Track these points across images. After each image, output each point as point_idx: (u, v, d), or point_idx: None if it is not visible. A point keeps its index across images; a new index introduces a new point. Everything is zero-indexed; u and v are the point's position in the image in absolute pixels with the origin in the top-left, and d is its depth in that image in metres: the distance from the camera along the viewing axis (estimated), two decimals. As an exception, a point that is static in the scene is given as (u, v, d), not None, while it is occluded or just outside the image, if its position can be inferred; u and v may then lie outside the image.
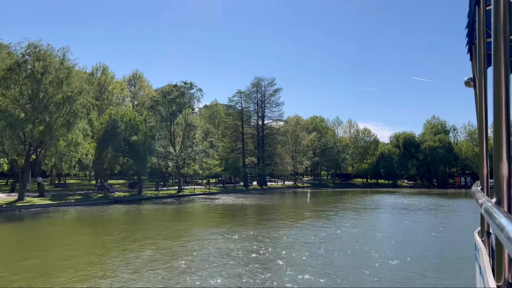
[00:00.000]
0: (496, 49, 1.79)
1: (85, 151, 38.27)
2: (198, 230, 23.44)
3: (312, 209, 37.81)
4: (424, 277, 12.87)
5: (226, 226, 24.79)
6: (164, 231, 22.46)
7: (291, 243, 18.60)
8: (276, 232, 21.56)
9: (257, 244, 17.98)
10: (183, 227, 24.60)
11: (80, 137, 37.89)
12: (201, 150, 54.44)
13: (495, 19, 1.80)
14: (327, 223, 25.93)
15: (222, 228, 23.10)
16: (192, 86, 56.18)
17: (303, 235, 20.84)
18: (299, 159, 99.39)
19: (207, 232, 21.84)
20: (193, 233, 22.26)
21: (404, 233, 22.42)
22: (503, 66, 1.77)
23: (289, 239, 19.71)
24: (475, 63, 4.17)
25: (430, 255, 16.30)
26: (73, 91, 36.10)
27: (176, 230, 22.92)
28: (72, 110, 35.97)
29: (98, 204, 39.38)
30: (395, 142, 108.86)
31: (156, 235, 20.83)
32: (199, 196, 52.95)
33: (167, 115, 54.31)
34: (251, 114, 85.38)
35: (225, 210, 36.25)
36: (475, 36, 3.90)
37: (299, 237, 20.33)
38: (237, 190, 68.27)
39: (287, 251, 16.62)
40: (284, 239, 19.57)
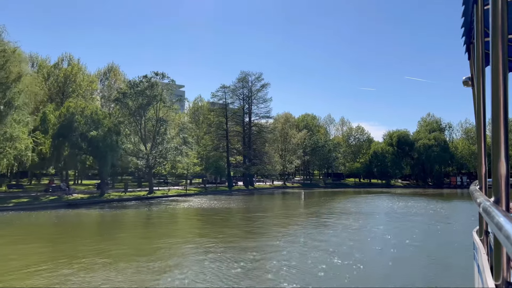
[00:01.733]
0: (494, 49, 1.76)
1: (23, 147, 32.40)
2: (110, 246, 17.71)
3: (288, 214, 32.12)
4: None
5: (158, 241, 19.11)
6: (69, 251, 16.74)
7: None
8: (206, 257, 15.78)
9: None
10: (101, 245, 18.61)
11: (18, 130, 32.08)
12: (173, 147, 48.60)
13: (493, 18, 1.78)
14: (299, 246, 18.09)
15: (152, 242, 17.53)
16: (164, 76, 50.37)
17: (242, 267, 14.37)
18: (289, 158, 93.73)
19: (115, 252, 16.20)
20: (104, 250, 16.55)
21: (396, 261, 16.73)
22: (501, 65, 1.73)
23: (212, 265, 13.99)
24: (473, 62, 4.09)
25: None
26: (8, 76, 30.33)
27: (86, 249, 17.16)
28: (6, 99, 30.19)
29: (43, 208, 33.57)
30: (388, 140, 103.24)
31: (53, 256, 15.19)
32: (170, 198, 47.16)
33: (136, 109, 48.51)
34: (236, 110, 79.56)
35: (178, 217, 30.53)
36: (473, 36, 3.84)
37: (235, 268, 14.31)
38: (218, 191, 62.51)
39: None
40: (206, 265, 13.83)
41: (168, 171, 51.64)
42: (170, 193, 52.36)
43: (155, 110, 50.73)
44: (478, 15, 2.97)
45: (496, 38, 1.76)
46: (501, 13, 1.76)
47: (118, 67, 67.46)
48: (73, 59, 55.06)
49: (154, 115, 50.84)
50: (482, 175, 3.33)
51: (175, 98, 52.84)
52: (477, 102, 3.32)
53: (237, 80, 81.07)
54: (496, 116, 1.78)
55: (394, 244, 17.94)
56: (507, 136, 1.82)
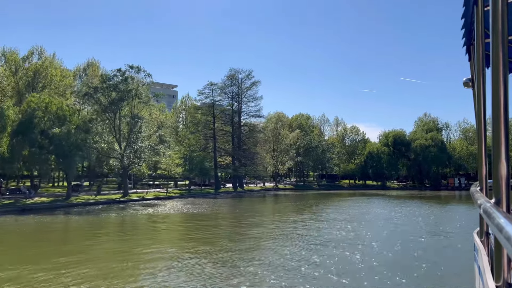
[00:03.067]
0: (495, 50, 1.74)
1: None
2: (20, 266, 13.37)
3: (256, 223, 27.79)
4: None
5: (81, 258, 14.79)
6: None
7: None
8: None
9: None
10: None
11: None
12: (148, 146, 44.22)
13: (493, 19, 1.76)
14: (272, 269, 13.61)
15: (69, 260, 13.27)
16: (139, 70, 46.06)
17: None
18: (281, 159, 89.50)
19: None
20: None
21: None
22: (501, 67, 1.71)
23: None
24: (473, 63, 4.08)
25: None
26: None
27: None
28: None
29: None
30: (384, 140, 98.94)
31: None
32: (144, 202, 42.80)
33: (108, 104, 44.19)
34: (224, 109, 75.25)
35: (126, 226, 26.11)
36: (473, 37, 3.82)
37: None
38: (202, 194, 58.16)
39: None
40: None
41: (143, 172, 47.20)
42: (147, 196, 48.02)
43: (131, 106, 46.45)
44: (478, 16, 2.94)
45: (497, 39, 1.73)
46: (501, 14, 1.72)
47: (99, 62, 63.17)
48: (44, 52, 50.76)
49: (130, 112, 46.54)
50: (483, 176, 3.25)
51: (152, 93, 48.43)
52: (478, 103, 3.30)
53: (226, 77, 76.89)
54: (497, 117, 1.75)
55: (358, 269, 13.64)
56: (507, 137, 1.78)
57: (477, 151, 3.67)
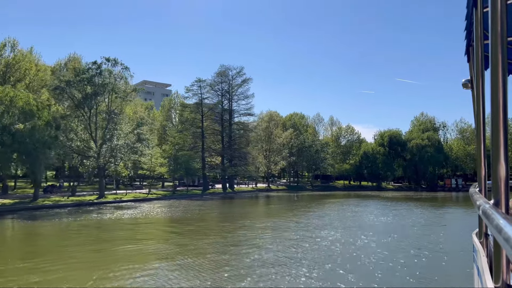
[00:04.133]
0: (494, 51, 1.73)
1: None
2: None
3: (227, 230, 24.53)
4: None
5: None
6: None
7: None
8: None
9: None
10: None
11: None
12: (123, 144, 40.89)
13: (492, 21, 1.74)
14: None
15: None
16: (116, 63, 42.75)
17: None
18: (273, 158, 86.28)
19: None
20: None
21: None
22: (500, 68, 1.70)
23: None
24: (472, 65, 4.04)
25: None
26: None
27: None
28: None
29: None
30: (379, 140, 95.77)
31: None
32: (120, 204, 39.48)
33: (82, 99, 40.89)
34: (212, 106, 71.96)
35: (82, 232, 22.89)
36: (472, 38, 3.81)
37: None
38: (187, 195, 54.89)
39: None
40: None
41: (119, 172, 43.82)
42: (126, 198, 44.72)
43: (109, 102, 43.17)
44: (477, 17, 2.93)
45: (496, 40, 1.72)
46: (500, 15, 1.71)
47: (80, 57, 59.84)
48: (17, 45, 47.35)
49: (107, 108, 43.24)
50: (482, 177, 3.24)
51: (131, 88, 45.10)
52: (477, 104, 3.24)
53: (216, 74, 73.67)
54: (496, 118, 1.75)
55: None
56: (506, 138, 1.77)
57: (476, 152, 3.60)
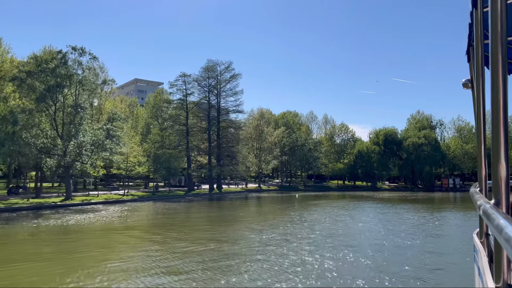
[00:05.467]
0: (494, 51, 1.71)
1: None
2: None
3: (180, 240, 20.35)
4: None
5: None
6: None
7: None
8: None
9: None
10: None
11: None
12: (89, 141, 36.66)
13: (492, 20, 1.72)
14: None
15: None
16: (84, 52, 38.55)
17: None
18: (264, 158, 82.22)
19: None
20: None
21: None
22: (500, 68, 1.69)
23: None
24: (472, 64, 4.00)
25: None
26: None
27: None
28: None
29: None
30: (375, 139, 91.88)
31: None
32: (84, 207, 35.18)
33: (44, 91, 36.65)
34: (197, 102, 67.75)
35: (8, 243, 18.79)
36: (472, 38, 3.74)
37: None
38: (169, 197, 50.71)
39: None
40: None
41: (86, 171, 39.54)
42: (96, 200, 40.55)
43: (76, 95, 38.94)
44: (477, 17, 2.89)
45: (496, 40, 1.71)
46: (500, 15, 1.69)
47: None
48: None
49: (74, 102, 38.96)
50: (482, 177, 3.20)
51: (101, 80, 40.85)
52: (477, 104, 3.24)
53: (203, 69, 69.39)
54: (496, 118, 1.73)
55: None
56: (506, 138, 1.75)
57: (476, 152, 3.55)
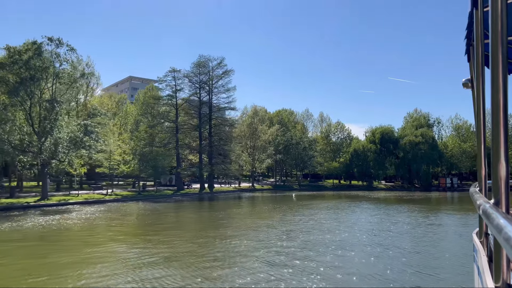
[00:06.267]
0: (494, 51, 1.71)
1: None
2: None
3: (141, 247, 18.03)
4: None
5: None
6: None
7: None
8: None
9: None
10: None
11: None
12: (65, 138, 34.34)
13: (492, 20, 1.71)
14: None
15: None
16: (61, 43, 36.23)
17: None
18: (258, 156, 79.97)
19: None
20: None
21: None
22: (501, 68, 1.68)
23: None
24: (473, 64, 4.02)
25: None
26: None
27: None
28: None
29: None
30: (371, 137, 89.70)
31: None
32: (57, 208, 32.63)
33: (17, 84, 34.30)
34: (187, 99, 65.44)
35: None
36: (472, 38, 3.76)
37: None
38: (155, 196, 48.38)
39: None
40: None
41: (61, 169, 37.17)
42: (76, 200, 38.22)
43: (53, 88, 36.60)
44: (477, 17, 2.88)
45: (496, 40, 1.69)
46: (500, 14, 1.67)
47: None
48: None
49: (51, 96, 36.57)
50: (482, 177, 3.21)
51: (79, 73, 38.45)
52: (477, 104, 3.25)
53: (194, 65, 66.99)
54: (496, 117, 1.72)
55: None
56: (506, 137, 1.74)
57: (476, 151, 3.52)
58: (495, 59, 1.67)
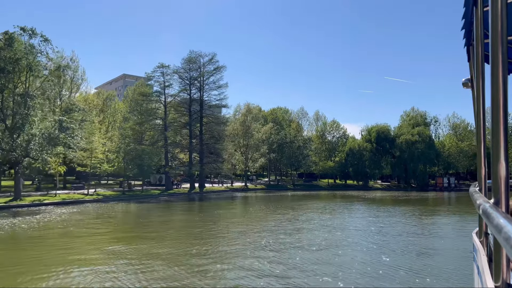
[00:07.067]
0: (494, 50, 1.70)
1: None
2: None
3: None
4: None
5: None
6: None
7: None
8: None
9: None
10: None
11: None
12: (37, 134, 32.00)
13: (492, 20, 1.71)
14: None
15: None
16: (34, 34, 33.88)
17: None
18: (251, 155, 77.76)
19: None
20: None
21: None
22: (500, 67, 1.68)
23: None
24: (472, 64, 4.01)
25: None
26: None
27: None
28: None
29: None
30: (366, 136, 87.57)
31: None
32: (29, 209, 30.28)
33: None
34: (175, 95, 63.15)
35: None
36: (472, 37, 3.78)
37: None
38: (140, 196, 46.16)
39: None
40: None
41: (35, 167, 34.86)
42: (52, 200, 35.92)
43: (26, 82, 34.23)
44: (477, 16, 2.88)
45: (496, 39, 1.69)
46: (500, 14, 1.67)
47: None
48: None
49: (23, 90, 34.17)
50: (482, 177, 3.22)
51: (55, 65, 36.01)
52: (477, 103, 3.25)
53: (184, 60, 64.75)
54: (496, 117, 1.72)
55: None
56: (506, 137, 1.74)
57: (476, 151, 3.54)
58: (495, 59, 1.65)
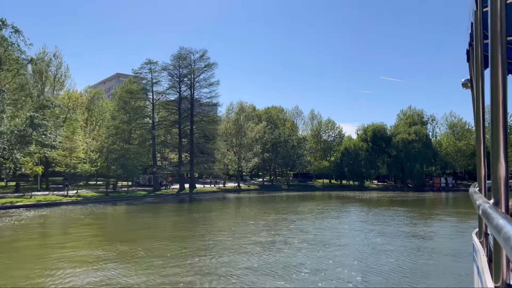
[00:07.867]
0: (493, 51, 1.69)
1: None
2: None
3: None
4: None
5: None
6: None
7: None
8: None
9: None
10: None
11: None
12: (6, 131, 29.60)
13: (492, 20, 1.70)
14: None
15: None
16: (4, 25, 31.46)
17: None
18: (244, 155, 75.52)
19: None
20: None
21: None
22: (500, 68, 1.67)
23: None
24: (472, 64, 3.91)
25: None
26: None
27: None
28: None
29: None
30: (362, 135, 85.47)
31: None
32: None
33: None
34: (163, 92, 60.85)
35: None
36: (472, 38, 3.61)
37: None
38: (124, 198, 43.86)
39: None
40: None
41: (7, 167, 32.51)
42: (27, 202, 33.63)
43: None
44: (477, 17, 2.89)
45: (496, 40, 1.68)
46: (500, 14, 1.66)
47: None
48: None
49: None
50: (482, 177, 3.15)
51: (27, 60, 33.66)
52: (476, 104, 3.23)
53: (174, 57, 62.42)
54: (495, 118, 1.72)
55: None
56: (506, 137, 1.74)
57: (476, 151, 3.51)
58: (495, 60, 1.64)
